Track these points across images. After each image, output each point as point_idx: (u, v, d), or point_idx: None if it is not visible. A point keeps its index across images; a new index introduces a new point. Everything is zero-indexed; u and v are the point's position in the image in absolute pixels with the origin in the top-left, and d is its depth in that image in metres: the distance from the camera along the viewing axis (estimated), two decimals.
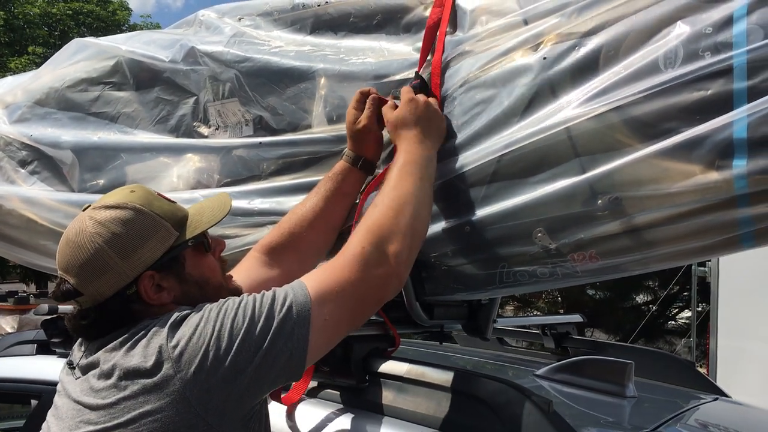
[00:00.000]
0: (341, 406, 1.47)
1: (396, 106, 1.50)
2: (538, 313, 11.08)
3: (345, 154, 1.60)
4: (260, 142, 1.83)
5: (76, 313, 1.23)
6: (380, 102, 1.56)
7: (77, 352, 1.26)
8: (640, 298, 10.98)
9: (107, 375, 1.13)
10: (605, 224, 1.30)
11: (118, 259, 1.19)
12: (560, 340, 2.29)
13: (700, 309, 6.94)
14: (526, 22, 1.46)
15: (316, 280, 1.22)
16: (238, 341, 1.11)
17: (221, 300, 1.19)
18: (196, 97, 2.05)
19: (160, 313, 1.20)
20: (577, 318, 2.43)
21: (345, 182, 1.58)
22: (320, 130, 1.78)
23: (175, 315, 1.16)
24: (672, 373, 2.06)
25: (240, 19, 2.09)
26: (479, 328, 1.71)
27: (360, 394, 1.46)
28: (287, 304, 1.16)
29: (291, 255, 1.56)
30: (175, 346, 1.10)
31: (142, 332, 1.15)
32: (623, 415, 1.64)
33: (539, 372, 1.82)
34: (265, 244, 1.59)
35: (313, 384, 1.54)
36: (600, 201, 1.29)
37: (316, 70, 1.80)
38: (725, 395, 2.01)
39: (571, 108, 1.33)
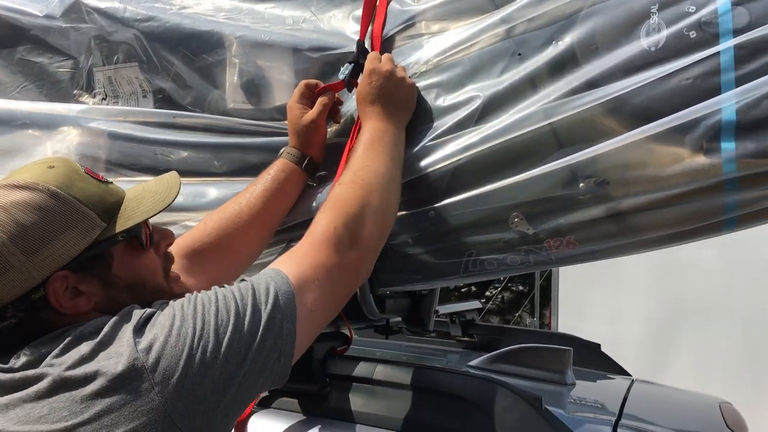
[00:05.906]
0: (302, 416, 1.30)
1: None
2: None
3: (287, 152, 1.44)
4: (174, 116, 1.58)
5: None
6: (332, 100, 1.43)
7: None
8: None
9: (47, 393, 0.87)
10: (587, 209, 1.25)
11: (22, 256, 0.93)
12: (466, 327, 2.26)
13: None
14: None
15: (294, 265, 1.05)
16: (225, 341, 0.91)
17: (188, 295, 0.97)
18: (74, 60, 1.74)
19: (77, 322, 0.95)
20: (476, 304, 2.44)
21: (287, 182, 1.42)
22: (247, 112, 1.58)
23: (136, 314, 0.93)
24: (580, 355, 2.09)
25: None
26: (422, 320, 1.61)
27: (323, 401, 1.29)
28: (271, 294, 0.98)
29: (219, 259, 1.35)
30: (148, 350, 0.87)
31: (80, 339, 0.91)
32: (586, 404, 1.59)
33: (473, 363, 1.75)
34: (187, 246, 1.34)
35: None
36: (582, 184, 1.24)
37: (237, 37, 1.58)
38: (629, 375, 2.09)
39: (551, 100, 1.25)
